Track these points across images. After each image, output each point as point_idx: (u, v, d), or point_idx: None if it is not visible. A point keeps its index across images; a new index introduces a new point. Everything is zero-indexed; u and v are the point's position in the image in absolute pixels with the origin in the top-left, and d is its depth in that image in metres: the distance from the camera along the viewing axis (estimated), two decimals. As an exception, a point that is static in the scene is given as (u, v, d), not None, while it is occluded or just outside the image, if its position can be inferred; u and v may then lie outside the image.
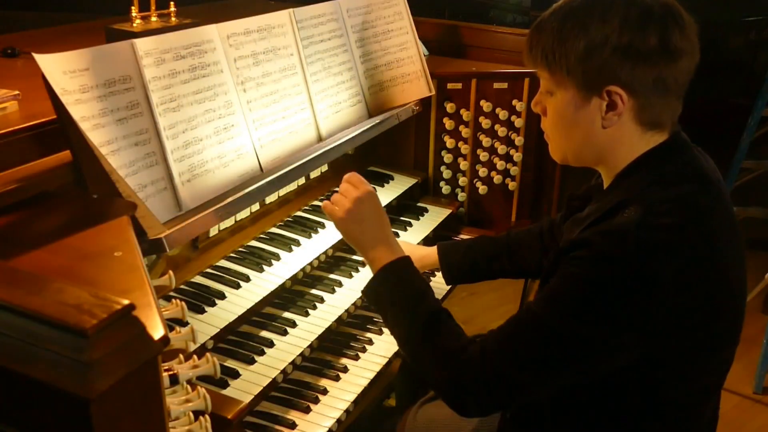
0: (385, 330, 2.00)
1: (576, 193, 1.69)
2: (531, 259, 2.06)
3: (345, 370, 1.84)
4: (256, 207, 2.10)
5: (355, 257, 2.21)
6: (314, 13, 2.19)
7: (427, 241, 2.34)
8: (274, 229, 2.14)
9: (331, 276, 2.12)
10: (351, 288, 2.07)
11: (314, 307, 1.96)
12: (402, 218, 2.47)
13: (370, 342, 1.97)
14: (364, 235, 1.73)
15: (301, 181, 2.27)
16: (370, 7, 2.39)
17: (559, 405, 1.54)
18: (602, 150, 1.49)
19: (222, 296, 1.83)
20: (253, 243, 2.06)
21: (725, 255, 1.42)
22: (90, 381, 0.91)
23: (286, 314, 1.92)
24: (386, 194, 2.46)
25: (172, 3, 2.29)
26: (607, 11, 1.38)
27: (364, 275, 2.13)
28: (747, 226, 4.41)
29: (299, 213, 2.24)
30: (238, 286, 1.88)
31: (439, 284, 2.21)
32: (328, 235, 2.15)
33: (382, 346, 1.96)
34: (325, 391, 1.77)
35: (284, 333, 1.85)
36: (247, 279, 1.90)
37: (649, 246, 1.34)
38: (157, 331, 1.02)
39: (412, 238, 2.36)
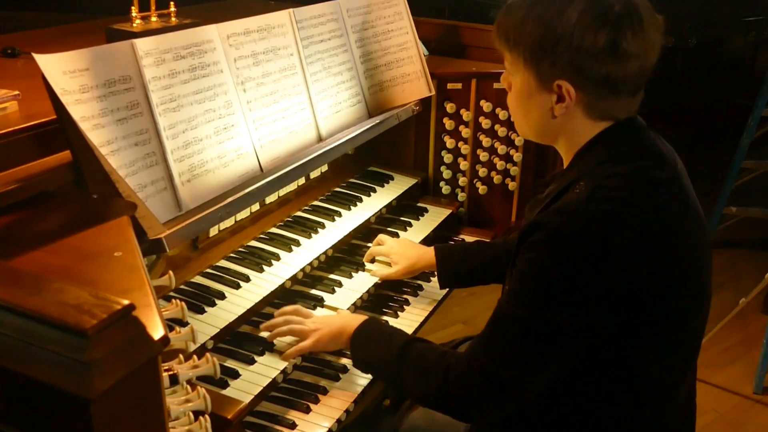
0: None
1: (542, 180, 1.73)
2: None
3: (345, 370, 1.84)
4: (256, 207, 2.10)
5: (355, 257, 2.21)
6: (314, 13, 2.19)
7: (427, 242, 2.34)
8: (274, 229, 2.14)
9: (331, 276, 2.12)
10: (351, 288, 2.07)
11: (314, 308, 1.96)
12: (402, 218, 2.47)
13: (370, 342, 1.97)
14: (332, 330, 1.79)
15: (301, 181, 2.27)
16: (370, 7, 2.39)
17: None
18: (557, 132, 1.55)
19: (222, 296, 1.83)
20: (253, 243, 2.06)
21: (679, 227, 1.45)
22: (90, 381, 0.91)
23: (286, 314, 1.92)
24: (386, 194, 2.46)
25: (172, 3, 2.29)
26: (567, 5, 1.41)
27: (364, 275, 2.14)
28: (747, 226, 4.43)
29: (299, 213, 2.24)
30: (238, 286, 1.88)
31: (434, 288, 2.21)
32: (328, 235, 2.15)
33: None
34: (325, 391, 1.77)
35: (284, 333, 1.85)
36: (247, 279, 1.90)
37: (599, 218, 1.38)
38: (157, 331, 1.03)
39: (412, 239, 2.35)
